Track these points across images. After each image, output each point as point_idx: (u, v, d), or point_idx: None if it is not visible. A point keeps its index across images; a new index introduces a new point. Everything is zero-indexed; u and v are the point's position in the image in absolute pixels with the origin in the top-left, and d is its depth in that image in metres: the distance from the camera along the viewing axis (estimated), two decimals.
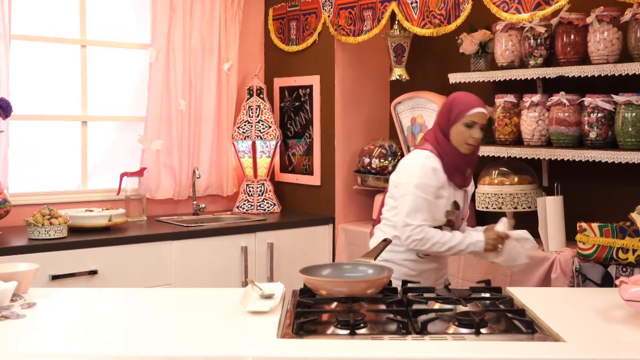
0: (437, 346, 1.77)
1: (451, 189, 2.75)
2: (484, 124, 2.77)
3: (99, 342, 1.83)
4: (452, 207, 2.77)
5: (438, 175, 2.72)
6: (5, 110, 3.49)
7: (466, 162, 2.78)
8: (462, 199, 2.80)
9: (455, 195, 2.77)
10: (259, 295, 2.20)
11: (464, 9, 3.36)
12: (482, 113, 2.76)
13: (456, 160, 2.75)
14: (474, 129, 2.73)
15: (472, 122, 2.72)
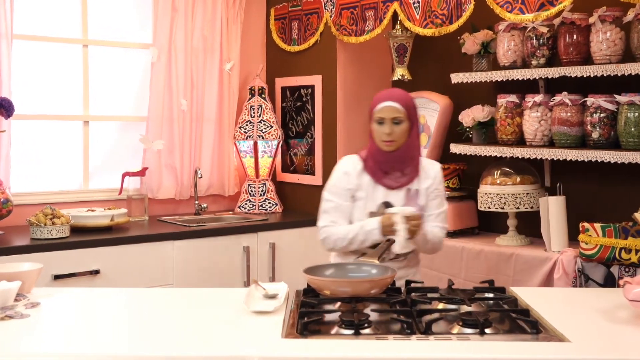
0: (442, 346, 1.77)
1: (379, 189, 2.68)
2: (396, 117, 2.65)
3: (103, 343, 1.83)
4: (380, 207, 2.67)
5: (350, 178, 2.71)
6: (7, 109, 3.49)
7: (390, 160, 2.69)
8: (403, 199, 2.68)
9: (387, 195, 2.68)
10: (262, 295, 2.20)
11: (466, 9, 3.36)
12: (389, 107, 2.66)
13: (379, 161, 2.70)
14: (385, 124, 2.65)
15: (381, 118, 2.66)
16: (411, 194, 2.70)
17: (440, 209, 2.75)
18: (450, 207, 3.58)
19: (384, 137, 2.65)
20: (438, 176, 2.77)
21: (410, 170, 2.72)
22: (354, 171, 2.72)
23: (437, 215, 2.73)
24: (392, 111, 2.66)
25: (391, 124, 2.65)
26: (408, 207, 2.59)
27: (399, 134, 2.66)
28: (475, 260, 3.37)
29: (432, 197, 2.73)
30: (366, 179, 2.71)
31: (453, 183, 3.65)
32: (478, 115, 3.47)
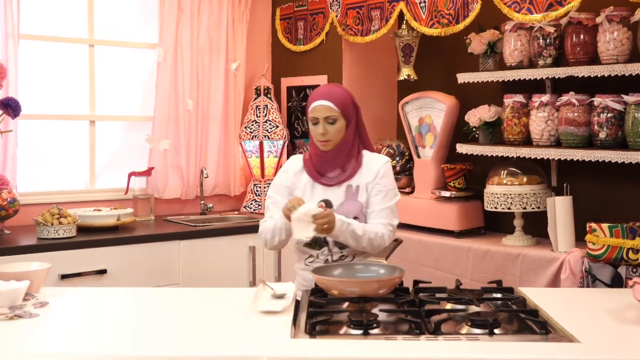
0: (451, 346, 1.77)
1: (318, 187, 2.64)
2: (329, 116, 2.59)
3: (112, 342, 1.83)
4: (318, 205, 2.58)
5: (288, 175, 2.69)
6: (14, 109, 3.49)
7: (325, 161, 2.64)
8: (343, 196, 2.62)
9: (326, 193, 2.63)
10: (270, 295, 2.20)
11: (472, 9, 3.35)
12: (322, 106, 2.60)
13: (315, 161, 2.66)
14: (319, 124, 2.59)
15: (314, 117, 2.61)
16: (352, 190, 2.63)
17: (384, 204, 2.63)
18: (457, 207, 3.60)
19: (318, 137, 2.61)
20: (382, 170, 2.66)
21: (350, 167, 2.66)
22: (292, 170, 2.70)
23: (380, 211, 2.62)
24: (325, 110, 2.60)
25: (325, 123, 2.59)
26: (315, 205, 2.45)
27: (333, 133, 2.61)
28: (482, 261, 3.37)
29: (374, 192, 2.63)
30: (304, 178, 2.67)
31: (459, 183, 3.64)
32: (484, 115, 3.47)
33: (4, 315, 1.99)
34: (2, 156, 3.63)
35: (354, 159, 2.67)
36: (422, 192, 3.84)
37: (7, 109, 3.48)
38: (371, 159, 2.70)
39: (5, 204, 3.43)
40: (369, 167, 2.66)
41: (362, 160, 2.68)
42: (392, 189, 2.68)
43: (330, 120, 2.60)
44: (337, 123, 2.61)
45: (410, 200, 3.85)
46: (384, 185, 2.65)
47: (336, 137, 2.62)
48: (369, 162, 2.68)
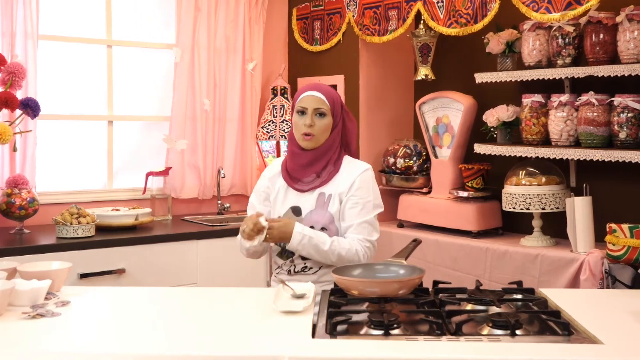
0: (473, 347, 1.76)
1: (291, 192, 2.55)
2: (320, 108, 2.48)
3: (135, 341, 1.84)
4: (288, 213, 2.53)
5: (264, 180, 2.63)
6: (33, 110, 3.51)
7: (302, 163, 2.53)
8: (314, 204, 2.51)
9: (298, 199, 2.53)
10: (290, 295, 2.20)
11: (491, 8, 3.34)
12: (313, 96, 2.49)
13: (292, 162, 2.56)
14: (307, 115, 2.48)
15: (303, 107, 2.49)
16: (323, 199, 2.51)
17: (361, 218, 2.48)
18: (474, 208, 3.59)
19: (303, 128, 2.48)
20: (357, 181, 2.50)
21: (326, 173, 2.53)
22: (269, 174, 2.64)
23: (356, 226, 2.48)
24: (316, 101, 2.49)
25: (313, 115, 2.48)
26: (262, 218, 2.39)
27: (320, 128, 2.49)
28: (500, 261, 3.35)
29: (350, 205, 2.49)
30: (280, 182, 2.59)
31: (477, 183, 3.63)
32: (502, 115, 3.45)
33: (27, 314, 2.00)
34: (22, 156, 3.66)
35: (331, 164, 2.53)
36: (439, 192, 3.83)
37: (26, 109, 3.50)
38: (350, 166, 2.55)
39: (24, 203, 3.46)
40: (346, 176, 2.52)
41: (341, 166, 2.55)
42: (370, 201, 2.52)
43: (320, 112, 2.49)
44: (325, 119, 2.50)
45: (427, 200, 3.84)
46: (360, 197, 2.49)
47: (320, 135, 2.50)
48: (347, 169, 2.54)
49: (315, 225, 2.49)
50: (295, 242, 2.43)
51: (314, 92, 2.52)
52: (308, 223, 2.50)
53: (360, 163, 2.59)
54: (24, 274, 2.25)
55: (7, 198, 3.45)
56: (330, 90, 2.57)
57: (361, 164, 2.59)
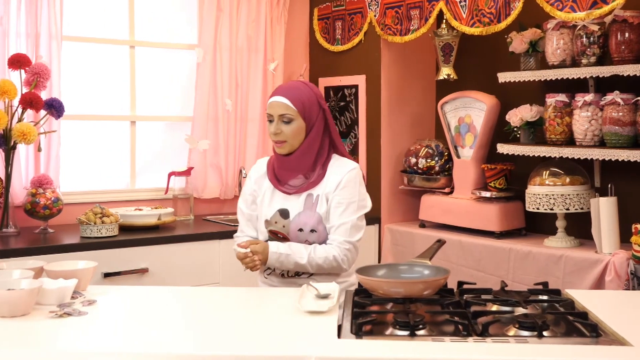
0: (500, 349, 1.75)
1: (278, 194, 2.51)
2: (284, 115, 2.42)
3: (163, 341, 1.84)
4: (275, 216, 2.50)
5: (251, 182, 2.59)
6: (57, 110, 3.55)
7: (284, 167, 2.50)
8: (302, 206, 2.48)
9: (285, 202, 2.50)
10: (314, 296, 2.20)
11: (514, 7, 3.32)
12: (277, 103, 2.43)
13: (276, 165, 2.53)
14: (273, 122, 2.44)
15: (269, 114, 2.46)
16: (311, 200, 2.47)
17: (343, 219, 2.44)
18: (497, 208, 3.57)
19: (271, 136, 2.46)
20: (343, 181, 2.46)
21: (315, 175, 2.48)
22: (255, 175, 2.60)
23: (338, 227, 2.45)
24: (281, 107, 2.43)
25: (280, 122, 2.43)
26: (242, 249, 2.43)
27: (288, 134, 2.43)
28: (524, 262, 3.33)
29: (334, 205, 2.45)
30: (266, 184, 2.55)
31: (500, 183, 3.61)
32: (526, 114, 3.43)
33: (54, 313, 2.02)
34: (46, 156, 3.69)
35: (319, 166, 2.49)
36: (461, 193, 3.81)
37: (51, 109, 3.53)
38: (337, 166, 2.51)
39: (49, 203, 3.49)
40: (334, 175, 2.48)
41: (328, 166, 2.51)
42: (356, 201, 2.47)
43: (286, 119, 2.43)
44: (293, 123, 2.43)
45: (449, 200, 3.83)
46: (344, 198, 2.45)
47: (292, 140, 2.45)
48: (335, 169, 2.50)
49: (304, 227, 2.47)
50: (272, 261, 2.44)
51: (278, 97, 2.45)
52: (296, 225, 2.48)
53: (348, 162, 2.54)
54: (50, 273, 2.27)
55: (31, 198, 3.48)
56: (301, 91, 2.47)
57: (348, 162, 2.54)
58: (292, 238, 2.50)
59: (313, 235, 2.48)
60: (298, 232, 2.48)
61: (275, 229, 2.52)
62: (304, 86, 2.51)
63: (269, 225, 2.53)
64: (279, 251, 2.43)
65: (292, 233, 2.49)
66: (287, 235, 2.51)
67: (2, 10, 3.55)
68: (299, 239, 2.49)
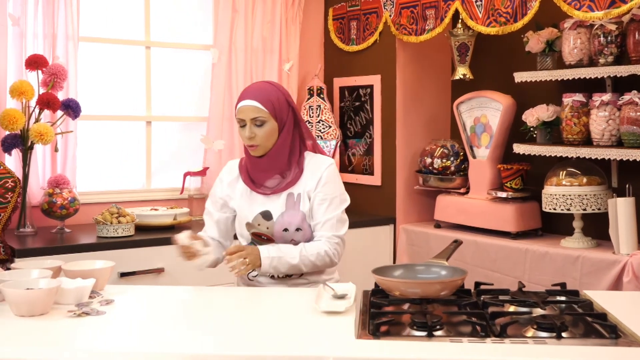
0: (518, 350, 1.74)
1: (256, 196, 2.48)
2: (257, 118, 2.38)
3: (181, 341, 1.85)
4: (257, 218, 2.48)
5: (222, 186, 2.54)
6: (74, 110, 3.57)
7: (259, 169, 2.47)
8: (284, 205, 2.46)
9: (266, 203, 2.47)
10: (331, 296, 2.20)
11: (531, 6, 3.30)
12: (248, 107, 2.38)
13: (251, 167, 2.49)
14: (246, 127, 2.40)
15: (240, 119, 2.41)
16: (293, 199, 2.46)
17: (329, 215, 2.46)
18: (513, 208, 3.55)
19: (246, 141, 2.42)
20: (324, 176, 2.47)
21: (291, 173, 2.47)
22: (227, 179, 2.54)
23: (324, 223, 2.46)
24: (252, 111, 2.39)
25: (252, 126, 2.39)
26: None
27: (262, 137, 2.40)
28: (540, 263, 3.31)
29: (318, 201, 2.46)
30: (241, 187, 2.51)
31: (516, 184, 3.59)
32: (543, 114, 3.41)
33: (72, 312, 2.03)
34: (63, 156, 3.71)
35: (294, 164, 2.48)
36: (477, 193, 3.80)
37: (67, 110, 3.56)
38: (313, 162, 2.50)
39: (66, 203, 3.51)
40: (311, 173, 2.48)
41: (304, 164, 2.50)
42: (338, 196, 2.50)
43: (258, 122, 2.39)
44: (266, 125, 2.41)
45: (465, 201, 3.82)
46: (327, 194, 2.47)
47: (266, 142, 2.42)
48: (311, 166, 2.49)
49: (289, 226, 2.46)
50: (266, 266, 2.42)
51: (249, 101, 2.40)
52: (281, 225, 2.47)
53: (323, 158, 2.55)
54: (68, 272, 2.29)
55: (48, 198, 3.50)
56: (269, 92, 2.44)
57: (324, 158, 2.54)
58: (277, 239, 2.49)
59: (299, 234, 2.48)
60: (283, 232, 2.47)
61: (258, 231, 2.50)
62: (270, 86, 2.49)
63: (252, 228, 2.51)
64: (270, 255, 2.41)
65: (276, 234, 2.48)
66: (271, 237, 2.49)
67: (20, 11, 3.58)
68: (284, 239, 2.48)
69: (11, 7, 3.56)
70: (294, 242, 2.50)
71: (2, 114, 3.35)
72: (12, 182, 3.30)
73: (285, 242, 2.49)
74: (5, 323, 1.96)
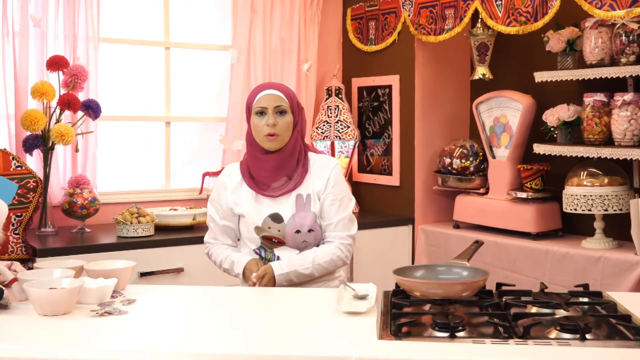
0: (542, 351, 1.73)
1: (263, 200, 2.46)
2: (280, 106, 2.39)
3: (205, 340, 1.85)
4: (266, 222, 2.47)
5: (227, 193, 2.51)
6: (94, 111, 3.59)
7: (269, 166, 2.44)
8: (293, 207, 2.45)
9: (274, 206, 2.46)
10: (352, 296, 2.19)
11: (551, 6, 3.28)
12: (271, 95, 2.40)
13: (256, 168, 2.46)
14: (268, 115, 2.38)
15: (262, 107, 2.39)
16: (302, 200, 2.45)
17: (340, 215, 2.48)
18: (534, 209, 3.53)
19: (266, 129, 2.38)
20: (332, 177, 2.48)
21: (297, 174, 2.46)
22: (230, 184, 2.51)
23: (337, 224, 2.48)
24: (275, 99, 2.40)
25: (274, 114, 2.39)
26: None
27: (283, 127, 2.40)
28: (561, 264, 3.29)
29: (328, 202, 2.47)
30: (245, 191, 2.48)
31: (536, 184, 3.57)
32: (563, 114, 3.39)
33: (95, 312, 2.04)
34: (83, 156, 3.74)
35: (300, 164, 2.47)
36: (497, 193, 3.78)
37: (88, 110, 3.58)
38: (318, 162, 2.52)
39: (86, 203, 3.53)
40: (318, 173, 2.49)
41: (309, 164, 2.50)
42: (346, 195, 2.52)
43: (281, 110, 2.40)
44: (287, 116, 2.42)
45: (484, 201, 3.80)
46: (337, 194, 2.49)
47: (285, 133, 2.41)
48: (317, 166, 2.50)
49: (301, 228, 2.46)
50: (281, 281, 2.45)
51: (271, 90, 2.43)
52: (293, 227, 2.46)
53: (327, 158, 2.58)
54: (90, 272, 2.30)
55: (69, 198, 3.53)
56: (286, 87, 2.50)
57: (329, 158, 2.57)
58: (288, 240, 2.49)
59: (311, 234, 2.49)
60: (295, 234, 2.47)
61: (269, 235, 2.49)
62: (286, 86, 2.53)
63: (262, 232, 2.50)
64: (283, 270, 2.44)
65: (288, 236, 2.48)
66: (282, 239, 2.50)
67: (41, 12, 3.61)
68: (295, 240, 2.48)
69: (32, 8, 3.59)
70: (305, 243, 2.51)
71: (24, 114, 3.38)
72: (33, 182, 3.33)
73: (297, 243, 2.50)
74: (29, 322, 1.98)
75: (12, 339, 1.86)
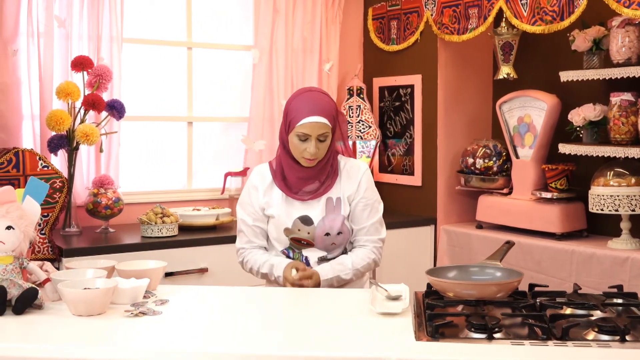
0: (583, 353, 1.71)
1: (294, 202, 2.47)
2: (323, 134, 2.37)
3: (241, 341, 1.85)
4: (296, 224, 2.48)
5: (258, 194, 2.50)
6: (119, 111, 3.60)
7: (305, 176, 2.46)
8: (323, 210, 2.47)
9: (305, 208, 2.47)
10: (385, 297, 2.19)
11: (578, 4, 3.26)
12: (315, 123, 2.35)
13: (292, 175, 2.46)
14: (310, 142, 2.37)
15: (305, 134, 2.36)
16: (332, 203, 2.47)
17: (372, 219, 2.52)
18: (559, 209, 3.51)
19: (306, 155, 2.40)
20: (363, 181, 2.50)
21: (329, 178, 2.48)
22: (262, 185, 2.51)
23: (369, 227, 2.52)
24: (319, 127, 2.37)
25: (317, 141, 2.37)
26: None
27: (323, 151, 2.42)
28: (587, 264, 3.27)
29: (361, 207, 2.50)
30: (276, 193, 2.49)
31: (561, 184, 3.55)
32: (589, 114, 3.37)
33: (129, 312, 2.04)
34: (107, 157, 3.75)
35: (330, 168, 2.49)
36: (521, 194, 3.76)
37: (112, 110, 3.59)
38: (349, 166, 2.53)
39: (110, 203, 3.54)
40: (349, 176, 2.51)
41: (339, 168, 2.52)
42: (377, 199, 2.56)
43: (322, 138, 2.39)
44: (327, 139, 2.42)
45: (508, 201, 3.78)
46: (369, 199, 2.52)
47: (322, 155, 2.44)
48: (347, 170, 2.52)
49: (331, 231, 2.48)
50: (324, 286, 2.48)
51: (317, 117, 2.37)
52: (322, 230, 2.48)
53: (357, 162, 2.59)
54: (122, 272, 2.30)
55: (93, 198, 3.54)
56: (329, 107, 2.43)
57: (359, 162, 2.58)
58: (317, 243, 2.52)
59: (340, 237, 2.52)
60: (324, 236, 2.50)
61: (298, 237, 2.51)
62: (328, 98, 2.48)
63: (291, 233, 2.51)
64: (328, 277, 2.48)
65: (317, 238, 2.51)
66: (312, 242, 2.52)
67: (65, 13, 3.62)
68: (324, 242, 2.52)
69: (57, 9, 3.61)
70: (334, 245, 2.53)
71: (49, 115, 3.39)
72: (60, 182, 3.34)
73: (326, 245, 2.52)
74: (64, 322, 1.98)
75: (48, 339, 1.87)
